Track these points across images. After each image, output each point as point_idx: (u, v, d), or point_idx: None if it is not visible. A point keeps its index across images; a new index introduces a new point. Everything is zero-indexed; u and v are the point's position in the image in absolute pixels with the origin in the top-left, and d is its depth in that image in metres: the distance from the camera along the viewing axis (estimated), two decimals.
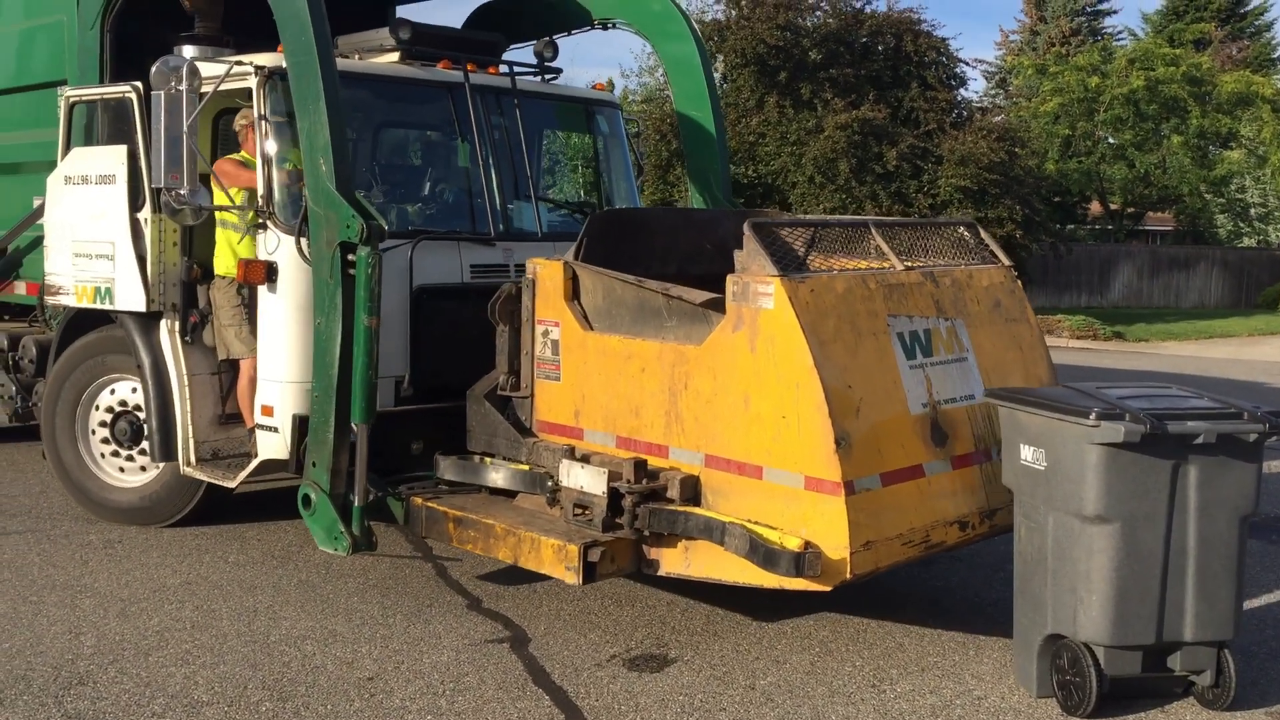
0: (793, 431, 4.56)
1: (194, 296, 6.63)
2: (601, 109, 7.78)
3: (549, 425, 5.52)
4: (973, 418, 5.15)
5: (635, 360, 5.11)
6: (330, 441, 5.42)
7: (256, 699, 4.53)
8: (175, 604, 5.60)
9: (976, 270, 5.59)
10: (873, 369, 4.79)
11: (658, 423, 5.03)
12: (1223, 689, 4.48)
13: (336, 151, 5.42)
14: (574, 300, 5.40)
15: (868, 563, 4.52)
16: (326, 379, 5.43)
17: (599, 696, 4.60)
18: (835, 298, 4.79)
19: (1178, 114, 29.31)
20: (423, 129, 7.54)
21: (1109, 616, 4.31)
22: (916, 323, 5.07)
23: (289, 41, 5.61)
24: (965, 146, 21.39)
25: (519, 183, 6.89)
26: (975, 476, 5.07)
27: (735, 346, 4.74)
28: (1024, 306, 5.71)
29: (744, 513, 4.70)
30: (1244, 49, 40.14)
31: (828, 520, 4.46)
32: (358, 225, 5.29)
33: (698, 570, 4.90)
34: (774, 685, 4.74)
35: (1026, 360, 5.55)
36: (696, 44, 7.65)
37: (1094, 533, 4.30)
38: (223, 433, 6.60)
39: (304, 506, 5.58)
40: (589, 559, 4.86)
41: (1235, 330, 23.83)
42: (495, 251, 6.47)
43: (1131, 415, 4.20)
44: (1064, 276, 29.37)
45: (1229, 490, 4.36)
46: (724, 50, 22.86)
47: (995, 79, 39.83)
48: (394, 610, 5.55)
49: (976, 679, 4.84)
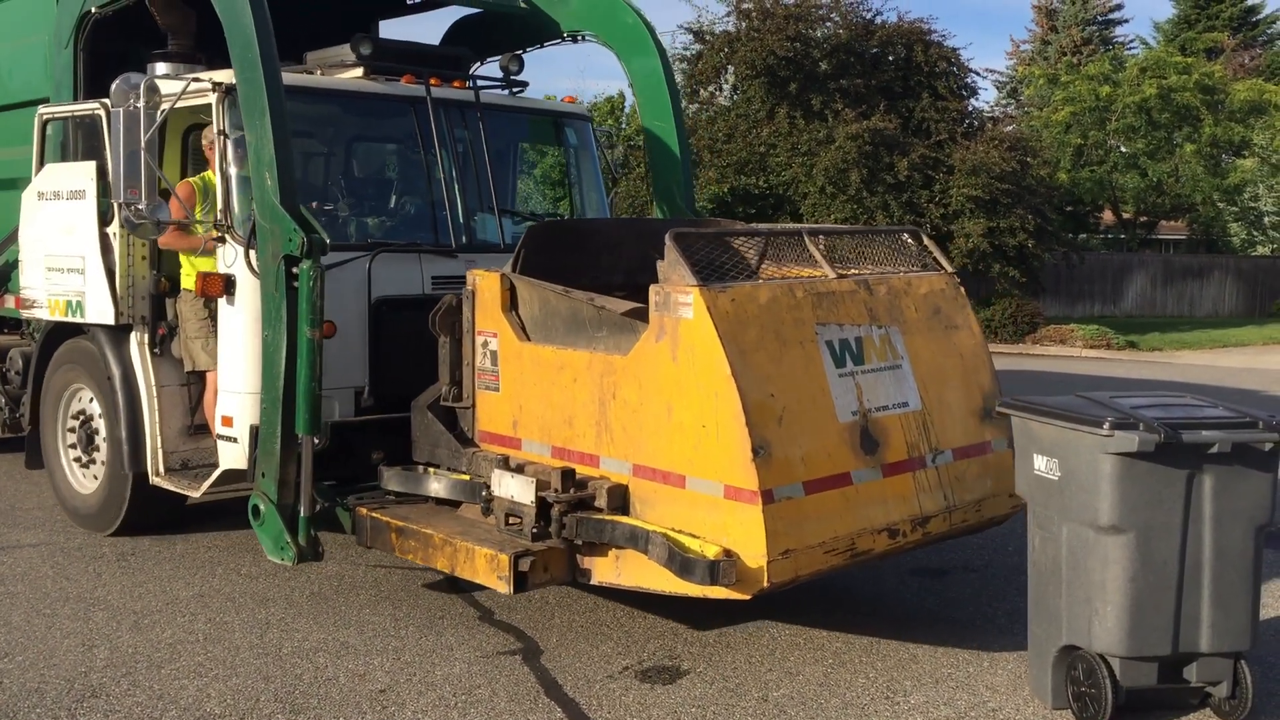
0: (712, 441, 4.57)
1: (163, 309, 6.71)
2: (570, 121, 7.88)
3: (489, 435, 5.55)
4: (906, 425, 5.11)
5: (568, 370, 5.14)
6: (277, 452, 5.44)
7: (269, 711, 4.53)
8: (188, 617, 5.61)
9: (916, 277, 5.57)
10: (798, 377, 4.79)
11: (589, 432, 5.05)
12: (1239, 700, 4.44)
13: (281, 165, 5.48)
14: (511, 311, 5.44)
15: (786, 571, 4.51)
16: (274, 390, 5.45)
17: (611, 709, 4.59)
18: (758, 307, 4.80)
19: (1190, 122, 29.23)
20: (386, 142, 7.62)
21: (1124, 627, 4.28)
22: (847, 331, 5.07)
23: (237, 58, 5.70)
24: (977, 156, 21.38)
25: (482, 195, 6.98)
26: (908, 484, 5.04)
27: (658, 356, 4.76)
28: (966, 314, 5.66)
29: (669, 522, 4.70)
30: (1256, 57, 40.04)
31: (745, 529, 4.46)
32: (299, 239, 5.33)
33: (628, 579, 4.90)
34: (787, 697, 4.72)
35: (967, 368, 5.51)
36: (662, 59, 7.75)
37: (1109, 543, 4.28)
38: (192, 443, 6.67)
39: (254, 517, 5.62)
40: (519, 569, 4.87)
41: (1249, 339, 23.71)
42: (457, 263, 6.48)
43: (1146, 425, 4.18)
44: (1077, 286, 29.27)
45: (1245, 500, 4.32)
46: (734, 61, 22.91)
47: (1006, 89, 39.77)
48: (406, 622, 5.54)
49: (991, 690, 4.81)
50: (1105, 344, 21.49)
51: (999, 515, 5.47)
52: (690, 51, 24.23)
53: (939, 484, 5.17)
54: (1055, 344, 21.61)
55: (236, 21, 5.66)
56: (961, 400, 5.43)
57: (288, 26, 6.11)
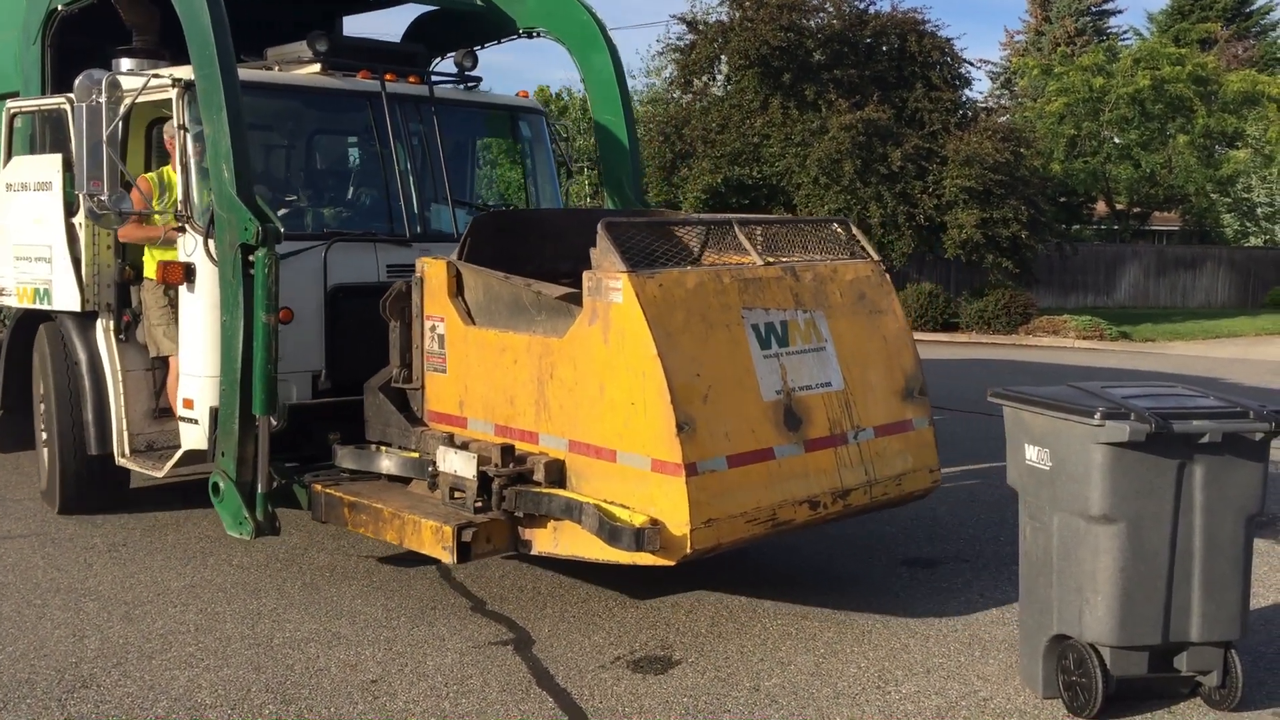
0: (640, 417, 4.83)
1: (127, 297, 6.93)
2: (524, 115, 8.12)
3: (437, 415, 5.80)
4: (829, 404, 5.39)
5: (509, 352, 5.40)
6: (236, 432, 5.68)
7: (260, 702, 4.52)
8: (179, 607, 5.60)
9: (842, 265, 5.83)
10: (723, 358, 5.05)
11: (529, 411, 5.30)
12: (1229, 689, 4.46)
13: (238, 158, 5.69)
14: (458, 297, 5.68)
15: (709, 539, 4.77)
16: (232, 373, 5.70)
17: (603, 698, 4.59)
18: (685, 292, 5.05)
19: (1183, 113, 29.24)
20: (343, 136, 7.87)
21: (1115, 617, 4.29)
22: (773, 315, 5.33)
23: (194, 54, 5.91)
24: (970, 147, 21.36)
25: (436, 186, 7.23)
26: (829, 459, 5.32)
27: (591, 338, 5.01)
28: (891, 299, 5.92)
29: (602, 494, 4.96)
30: (1249, 48, 40.05)
31: (670, 499, 4.73)
32: (255, 228, 5.56)
33: (565, 549, 5.14)
34: (778, 687, 4.73)
35: (890, 350, 5.77)
36: (612, 56, 8.01)
37: (1099, 533, 4.29)
38: (157, 426, 6.89)
39: (214, 494, 5.84)
40: (462, 539, 5.11)
41: (1242, 330, 23.76)
42: (411, 252, 6.65)
43: (1137, 414, 4.18)
44: (1070, 277, 29.30)
45: (1235, 489, 4.33)
46: (727, 51, 22.87)
47: (1000, 79, 39.78)
48: (398, 612, 5.54)
49: (982, 680, 4.82)
50: (1098, 335, 21.51)
51: (919, 490, 5.76)
52: (683, 41, 24.18)
53: (860, 459, 5.45)
54: (1048, 335, 21.63)
55: (194, 19, 5.87)
56: (884, 381, 5.70)
57: (253, 23, 6.34)
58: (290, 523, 7.11)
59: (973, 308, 22.36)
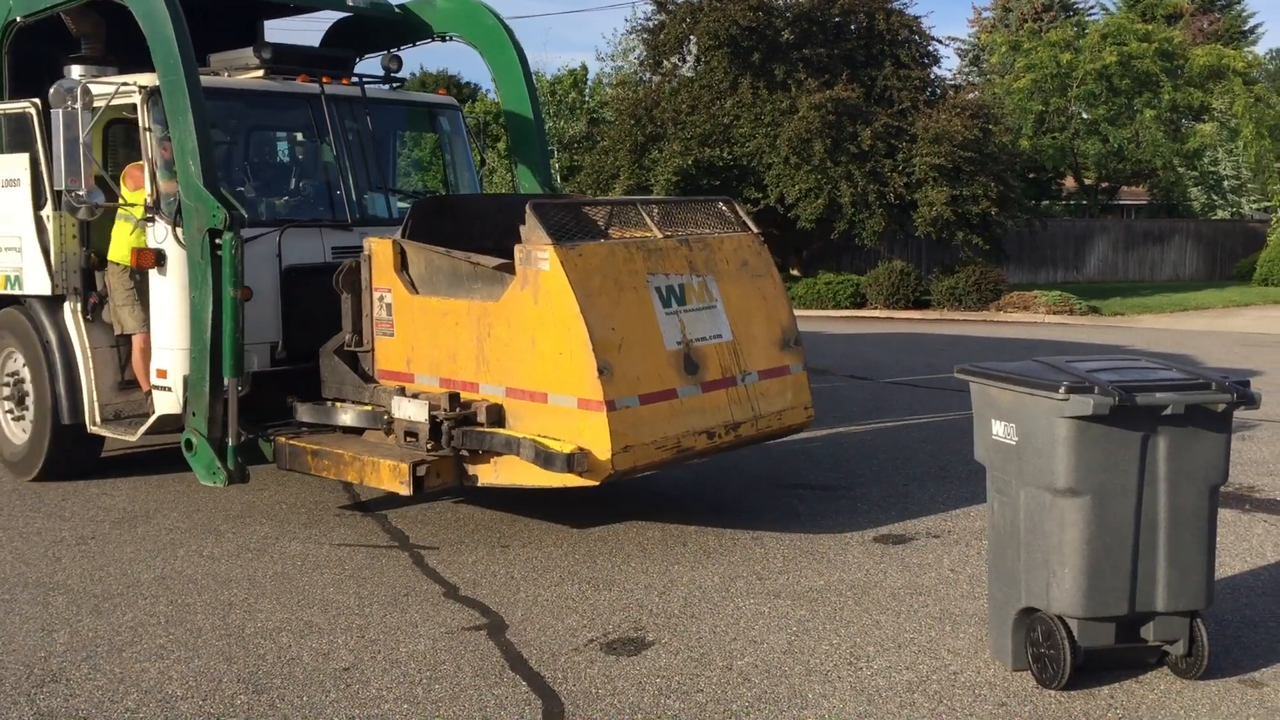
0: (567, 364, 5.74)
1: (93, 281, 7.56)
2: (443, 111, 8.90)
3: (387, 373, 6.59)
4: (720, 352, 6.38)
5: (451, 316, 6.23)
6: (206, 394, 6.46)
7: (231, 692, 4.50)
8: (149, 599, 5.56)
9: (728, 237, 6.84)
10: (633, 315, 5.98)
11: (470, 365, 6.14)
12: (1196, 658, 4.50)
13: (203, 154, 6.40)
14: (403, 271, 6.46)
15: (626, 462, 5.72)
16: (201, 342, 6.45)
17: (576, 681, 4.60)
18: (600, 260, 5.96)
19: (1150, 88, 29.44)
20: (288, 133, 8.64)
21: (1082, 589, 4.33)
22: (672, 279, 6.29)
23: (160, 62, 6.58)
24: (939, 124, 21.41)
25: (370, 176, 8.07)
26: (722, 398, 6.30)
27: (523, 301, 5.88)
28: (769, 265, 6.96)
29: (536, 430, 5.85)
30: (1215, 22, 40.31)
31: (594, 431, 5.65)
32: (222, 215, 6.29)
33: (505, 479, 6.01)
34: (751, 665, 4.75)
35: (769, 308, 6.81)
36: (519, 54, 8.68)
37: (1065, 506, 4.32)
38: (122, 397, 7.59)
39: (187, 449, 6.62)
40: (417, 474, 5.95)
41: (1210, 302, 23.97)
42: (353, 235, 7.42)
43: (1100, 388, 4.20)
44: (1039, 252, 29.45)
45: (1199, 461, 4.37)
46: (697, 32, 22.82)
47: (969, 56, 39.86)
48: (370, 600, 5.53)
49: (953, 654, 4.86)
50: (1068, 310, 21.66)
51: (796, 423, 6.85)
52: (652, 22, 24.10)
53: (747, 398, 6.46)
54: (1019, 310, 21.76)
55: (158, 32, 6.56)
56: (765, 333, 6.72)
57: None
58: (261, 512, 7.10)
59: (943, 285, 22.45)
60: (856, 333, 18.22)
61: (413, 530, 6.71)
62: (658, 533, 6.61)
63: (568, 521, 6.82)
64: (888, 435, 9.54)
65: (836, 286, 22.80)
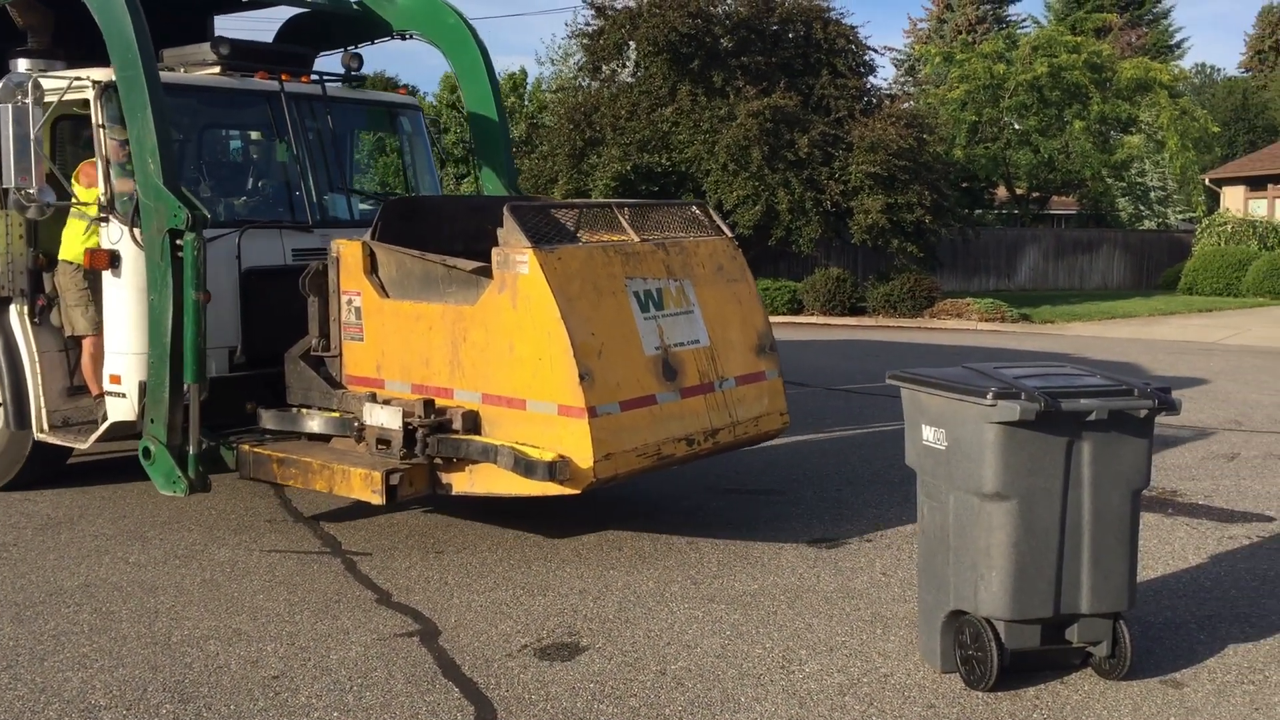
0: (547, 370, 5.59)
1: (41, 283, 7.27)
2: (404, 111, 8.70)
3: (355, 378, 6.41)
4: (698, 358, 6.27)
5: (424, 320, 6.05)
6: (166, 400, 6.21)
7: (157, 701, 4.42)
8: (72, 607, 5.45)
9: (704, 241, 6.72)
10: (612, 320, 5.83)
11: (444, 370, 5.97)
12: (1119, 659, 4.60)
13: (163, 151, 6.20)
14: (372, 274, 6.28)
15: (608, 469, 5.58)
16: (160, 346, 6.22)
17: (510, 687, 4.58)
18: (579, 264, 5.81)
19: (1080, 100, 29.97)
20: (247, 131, 8.39)
21: (1008, 591, 4.40)
22: (650, 283, 6.17)
23: (117, 58, 6.35)
24: (875, 133, 21.65)
25: (331, 176, 7.84)
26: (700, 404, 6.19)
27: (501, 305, 5.73)
28: (743, 269, 6.85)
29: (513, 438, 5.69)
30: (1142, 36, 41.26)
31: (576, 438, 5.50)
32: (184, 215, 6.08)
33: (481, 487, 5.85)
34: (685, 670, 4.76)
35: (744, 313, 6.73)
36: (482, 53, 8.45)
37: (993, 510, 4.39)
38: (71, 402, 7.32)
39: (144, 458, 6.34)
40: (390, 482, 5.78)
41: (1137, 311, 24.47)
42: (313, 237, 7.30)
43: (1027, 394, 4.28)
44: (972, 260, 29.90)
45: (1121, 465, 4.46)
46: (636, 38, 22.84)
47: (904, 66, 40.36)
48: (301, 607, 5.46)
49: (883, 656, 4.91)
50: (1000, 317, 21.99)
51: (773, 430, 6.75)
52: (592, 27, 24.10)
53: (725, 404, 6.34)
54: (952, 317, 22.06)
55: (115, 26, 6.33)
56: (741, 338, 6.61)
57: None
58: (190, 518, 6.98)
59: (879, 292, 22.70)
60: (793, 339, 18.34)
61: (345, 536, 6.64)
62: (593, 538, 6.60)
63: (502, 527, 6.78)
64: (823, 440, 9.62)
65: (774, 292, 22.95)
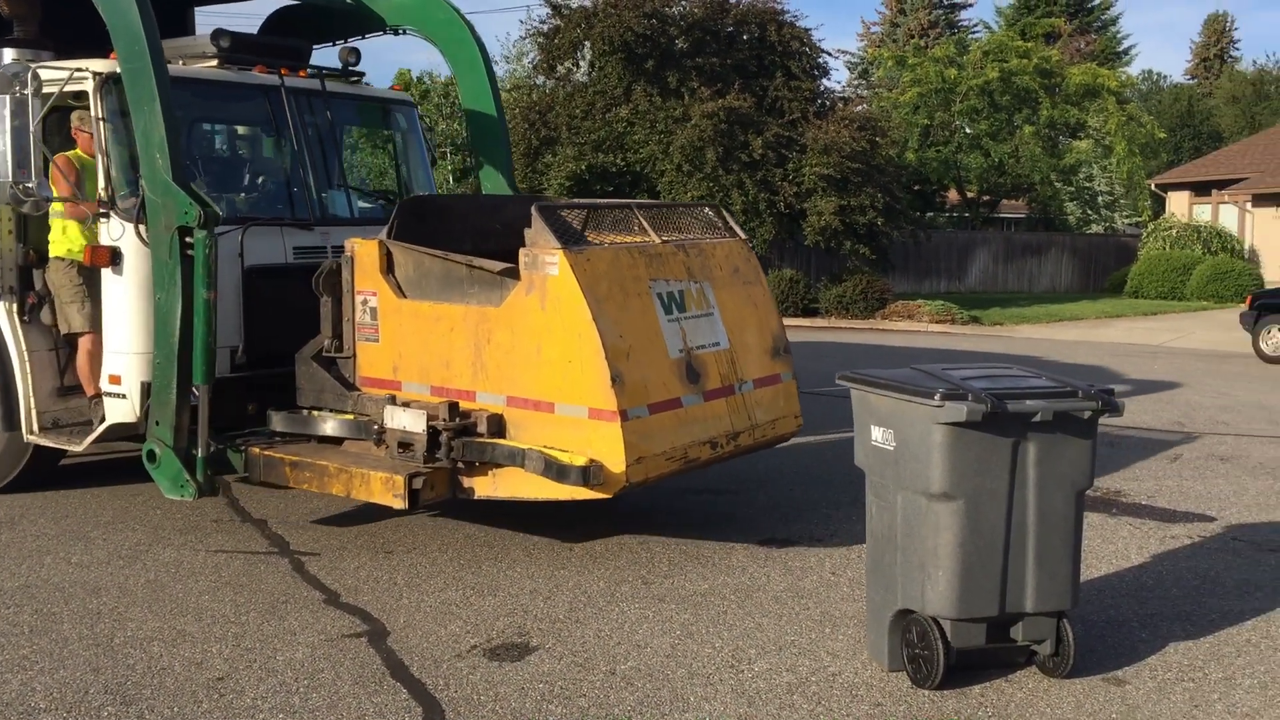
0: (577, 373, 5.53)
1: (30, 280, 7.01)
2: (399, 107, 8.60)
3: (370, 380, 6.28)
4: (719, 360, 6.26)
5: (444, 321, 5.95)
6: (173, 402, 6.02)
7: (98, 704, 4.35)
8: (12, 609, 5.35)
9: (720, 243, 6.73)
10: (638, 322, 5.81)
11: (466, 372, 5.88)
12: (1062, 657, 4.66)
13: (171, 146, 5.99)
14: (389, 273, 6.17)
15: (640, 473, 5.56)
16: (168, 347, 6.02)
17: (458, 687, 4.56)
18: (607, 265, 5.77)
19: (1029, 105, 30.36)
20: (246, 126, 8.23)
21: (955, 590, 4.45)
22: (672, 285, 6.15)
23: (122, 49, 6.14)
24: (828, 135, 21.78)
25: (331, 174, 7.73)
26: (722, 407, 6.19)
27: (528, 306, 5.65)
28: (758, 272, 6.86)
29: (540, 441, 5.62)
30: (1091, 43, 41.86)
31: (608, 442, 5.46)
32: (195, 211, 5.90)
33: (504, 491, 5.80)
34: (634, 670, 4.76)
35: (760, 314, 6.74)
36: (479, 48, 8.31)
37: (940, 510, 4.43)
38: (62, 403, 7.10)
39: (149, 461, 6.14)
40: (413, 486, 5.68)
41: (1084, 313, 24.83)
42: (314, 235, 7.21)
43: (974, 395, 4.33)
44: (924, 263, 30.18)
45: (1066, 466, 4.52)
46: (591, 38, 22.81)
47: (857, 70, 40.68)
48: (247, 608, 5.40)
49: (832, 655, 4.94)
50: (950, 319, 22.22)
51: (788, 432, 6.79)
52: (547, 26, 24.04)
53: (744, 407, 6.35)
54: (904, 319, 22.25)
55: (122, 17, 6.11)
56: (758, 341, 6.62)
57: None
58: (134, 518, 6.88)
59: (832, 293, 22.85)
60: None
61: (293, 536, 6.58)
62: (543, 538, 6.59)
63: (452, 527, 6.75)
64: None
65: None
